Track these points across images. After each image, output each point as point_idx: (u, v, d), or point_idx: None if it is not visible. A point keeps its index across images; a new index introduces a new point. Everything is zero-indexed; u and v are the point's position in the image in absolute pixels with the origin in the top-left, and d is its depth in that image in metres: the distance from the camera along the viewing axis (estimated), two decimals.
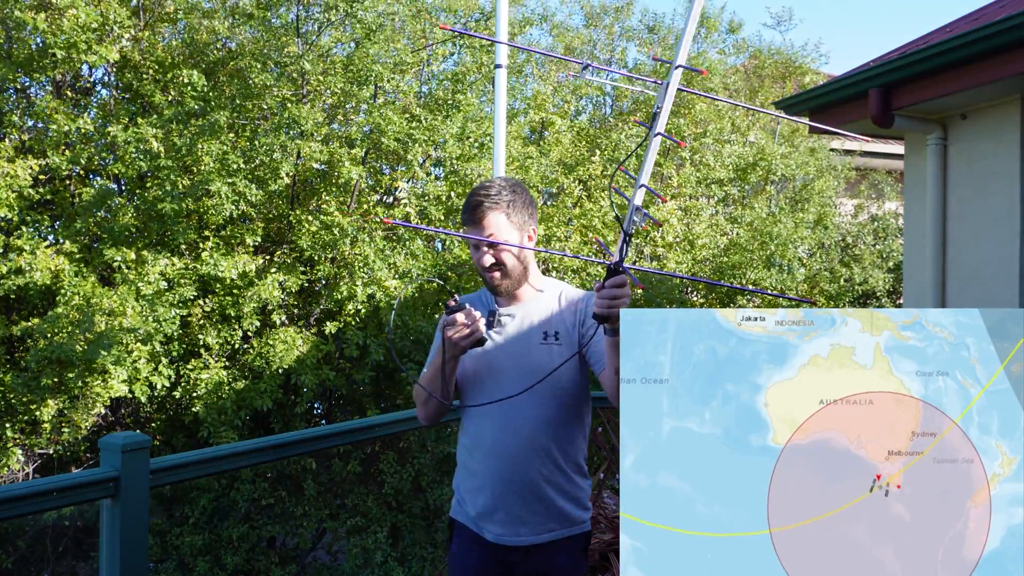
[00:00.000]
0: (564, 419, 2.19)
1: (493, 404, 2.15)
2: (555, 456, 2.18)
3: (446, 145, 7.23)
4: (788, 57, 11.41)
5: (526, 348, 2.19)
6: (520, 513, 2.17)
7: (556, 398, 2.17)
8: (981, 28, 3.90)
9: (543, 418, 2.16)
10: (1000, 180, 4.56)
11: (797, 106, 5.47)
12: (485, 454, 2.20)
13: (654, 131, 1.72)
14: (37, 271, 6.04)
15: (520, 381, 2.13)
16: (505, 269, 2.18)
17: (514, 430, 2.16)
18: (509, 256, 2.18)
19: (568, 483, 2.21)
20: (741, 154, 9.64)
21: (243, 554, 6.35)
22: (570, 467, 2.21)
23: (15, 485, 2.30)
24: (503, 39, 3.80)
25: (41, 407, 6.03)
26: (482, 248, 2.18)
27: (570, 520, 2.21)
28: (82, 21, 6.25)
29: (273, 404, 6.70)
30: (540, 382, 2.08)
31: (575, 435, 2.23)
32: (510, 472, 2.16)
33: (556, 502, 2.18)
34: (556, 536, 2.19)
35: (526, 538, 2.18)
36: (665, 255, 9.05)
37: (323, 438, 3.31)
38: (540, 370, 2.12)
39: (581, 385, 2.22)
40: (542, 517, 2.18)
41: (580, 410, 2.24)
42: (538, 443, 2.16)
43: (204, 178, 6.41)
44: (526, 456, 2.15)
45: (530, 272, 2.25)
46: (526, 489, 2.16)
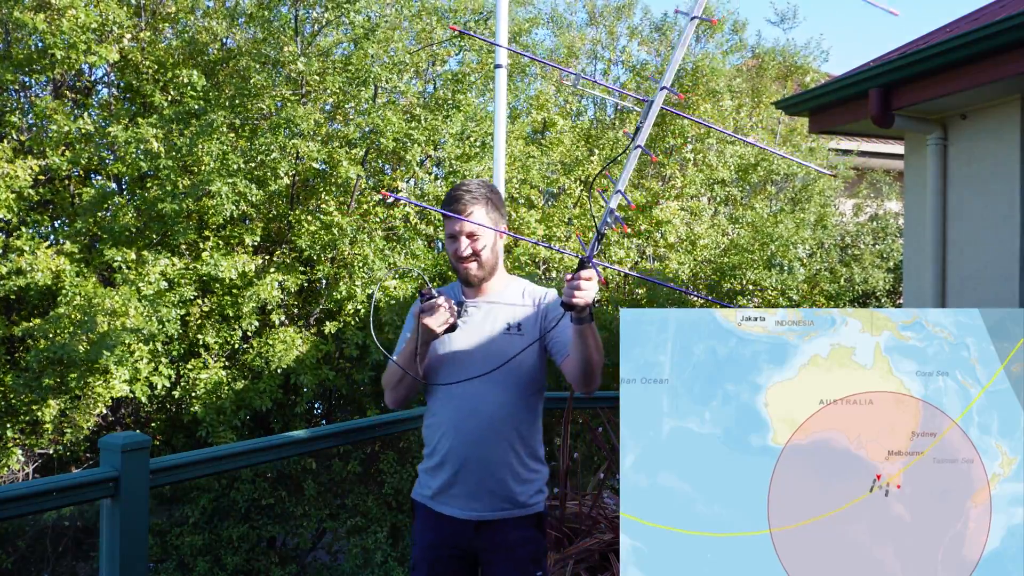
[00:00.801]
0: (522, 405, 2.34)
1: (456, 387, 2.31)
2: (512, 440, 2.33)
3: (446, 145, 7.23)
4: (790, 56, 11.40)
5: (490, 337, 2.35)
6: (474, 490, 2.31)
7: (516, 386, 2.32)
8: (981, 28, 3.90)
9: (502, 403, 2.31)
10: (1000, 180, 4.56)
11: (797, 106, 5.47)
12: (445, 434, 2.35)
13: (634, 144, 1.81)
14: (38, 272, 6.04)
15: (483, 367, 2.29)
16: (480, 260, 2.35)
17: (475, 412, 2.31)
18: (486, 248, 2.35)
19: (522, 467, 2.35)
20: (743, 155, 9.64)
21: (243, 554, 6.34)
22: (525, 452, 2.35)
23: (15, 485, 2.30)
24: (503, 40, 3.80)
25: (43, 407, 6.03)
26: (460, 239, 2.33)
27: (521, 503, 2.34)
28: (82, 21, 6.25)
29: (273, 404, 6.69)
30: (502, 366, 2.24)
31: (532, 422, 2.39)
32: (467, 451, 2.30)
33: (508, 483, 2.32)
34: (507, 515, 2.32)
35: (479, 513, 2.31)
36: (667, 255, 9.05)
37: (323, 438, 3.32)
38: (502, 357, 2.27)
39: (540, 376, 2.38)
40: (495, 497, 2.31)
41: (537, 399, 2.40)
42: (496, 426, 2.30)
43: (204, 178, 6.41)
44: (484, 437, 2.29)
45: (498, 268, 2.43)
46: (482, 467, 2.30)
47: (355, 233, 6.81)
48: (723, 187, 9.57)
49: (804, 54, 11.59)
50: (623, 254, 8.41)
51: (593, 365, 2.13)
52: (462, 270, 2.37)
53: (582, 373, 2.15)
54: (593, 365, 2.13)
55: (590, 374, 2.15)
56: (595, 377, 2.17)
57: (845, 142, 11.73)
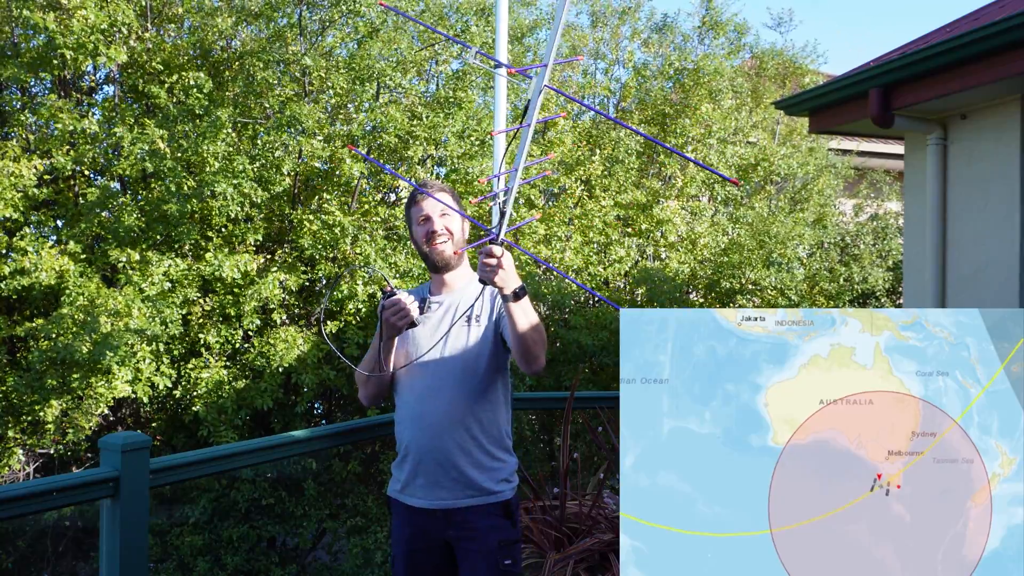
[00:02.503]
0: (480, 392, 2.37)
1: (414, 380, 2.39)
2: (471, 428, 2.36)
3: (447, 144, 7.24)
4: (788, 58, 11.40)
5: (446, 330, 2.40)
6: (438, 479, 2.35)
7: (473, 374, 2.36)
8: (981, 28, 3.90)
9: (459, 391, 2.35)
10: (1000, 180, 4.56)
11: (797, 106, 5.47)
12: (406, 425, 2.42)
13: (526, 122, 1.83)
14: (41, 271, 6.04)
15: (443, 360, 2.36)
16: (453, 240, 2.43)
17: (432, 400, 2.36)
18: (456, 227, 2.43)
19: (484, 455, 2.37)
20: (743, 155, 9.64)
21: (243, 554, 6.34)
22: (488, 440, 2.39)
23: (15, 485, 2.31)
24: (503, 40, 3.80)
25: (45, 408, 6.03)
26: (432, 219, 2.41)
27: (486, 491, 2.36)
28: (91, 22, 6.25)
29: (273, 404, 6.69)
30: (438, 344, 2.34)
31: (493, 410, 2.41)
32: (427, 440, 2.35)
33: (469, 472, 2.35)
34: (472, 503, 2.35)
35: (444, 502, 2.35)
36: (667, 255, 9.05)
37: (323, 438, 3.32)
38: (457, 347, 2.37)
39: (497, 362, 2.41)
40: (459, 485, 2.35)
41: (496, 387, 2.42)
42: (454, 415, 2.34)
43: (209, 179, 6.42)
44: (442, 426, 2.34)
45: (463, 261, 2.50)
46: (442, 456, 2.34)
47: (356, 232, 6.81)
48: (723, 186, 9.57)
49: (802, 55, 11.60)
50: (623, 253, 8.41)
51: (528, 342, 2.14)
52: (434, 253, 2.44)
53: (518, 350, 2.18)
54: (528, 342, 2.14)
55: (526, 351, 2.16)
56: (533, 355, 2.17)
57: (845, 142, 11.73)
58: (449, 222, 2.42)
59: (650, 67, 9.93)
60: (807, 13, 32.79)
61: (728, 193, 9.79)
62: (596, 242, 8.43)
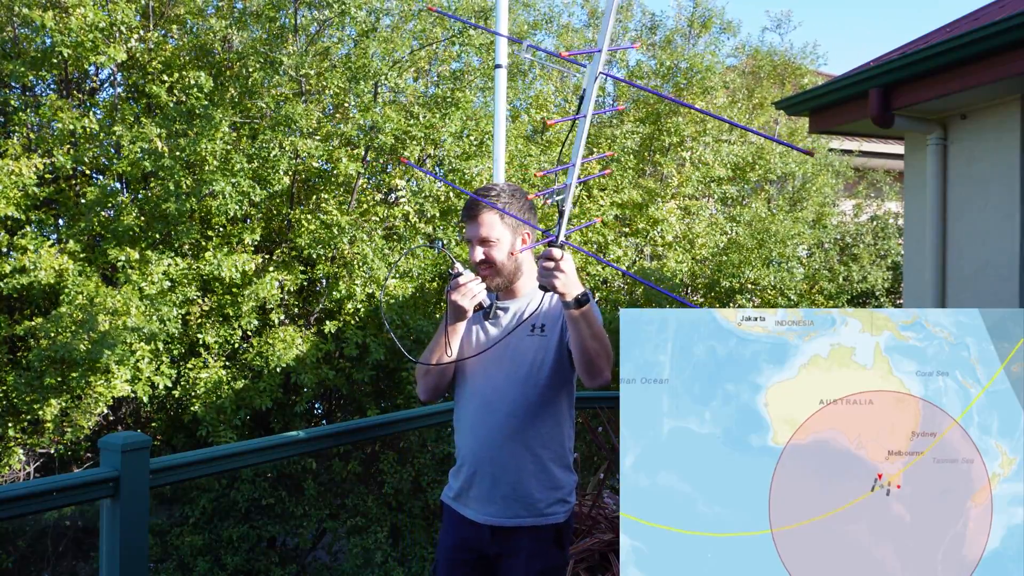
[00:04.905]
0: (542, 405, 2.24)
1: (476, 386, 2.29)
2: (529, 442, 2.24)
3: (445, 143, 7.23)
4: (786, 59, 11.40)
5: (515, 339, 2.27)
6: (488, 494, 2.25)
7: (536, 386, 2.24)
8: (981, 28, 3.90)
9: (520, 402, 2.24)
10: (1000, 180, 4.56)
11: (797, 106, 5.47)
12: (464, 434, 2.32)
13: (581, 113, 1.76)
14: (41, 270, 6.04)
15: (505, 369, 2.24)
16: (495, 267, 2.27)
17: (492, 411, 2.25)
18: (499, 254, 2.26)
19: (541, 471, 2.25)
20: (740, 153, 9.63)
21: (243, 554, 6.34)
22: (547, 456, 2.26)
23: (15, 485, 2.30)
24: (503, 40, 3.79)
25: (44, 407, 6.03)
26: (475, 246, 2.27)
27: (538, 510, 2.24)
28: (90, 20, 6.24)
29: (273, 404, 6.69)
30: (494, 345, 2.23)
31: (557, 425, 2.29)
32: (483, 451, 2.25)
33: (523, 488, 2.23)
34: (521, 523, 2.24)
35: (493, 518, 2.25)
36: (665, 254, 9.05)
37: (323, 438, 3.31)
38: (524, 358, 2.23)
39: (563, 375, 2.27)
40: (510, 501, 2.24)
41: (560, 400, 2.29)
42: (512, 427, 2.23)
43: (208, 178, 6.41)
44: (499, 437, 2.24)
45: (525, 271, 2.33)
46: (496, 469, 2.24)
47: (354, 232, 6.81)
48: (720, 185, 9.56)
49: (800, 57, 11.60)
50: (620, 253, 8.41)
51: (590, 354, 2.02)
52: (481, 278, 2.30)
53: (580, 362, 2.07)
54: (590, 354, 2.02)
55: (589, 363, 2.04)
56: (597, 367, 2.04)
57: (846, 142, 11.73)
58: (493, 249, 2.25)
59: (643, 67, 9.93)
60: (807, 13, 32.82)
61: (725, 192, 9.79)
62: (595, 242, 8.42)
